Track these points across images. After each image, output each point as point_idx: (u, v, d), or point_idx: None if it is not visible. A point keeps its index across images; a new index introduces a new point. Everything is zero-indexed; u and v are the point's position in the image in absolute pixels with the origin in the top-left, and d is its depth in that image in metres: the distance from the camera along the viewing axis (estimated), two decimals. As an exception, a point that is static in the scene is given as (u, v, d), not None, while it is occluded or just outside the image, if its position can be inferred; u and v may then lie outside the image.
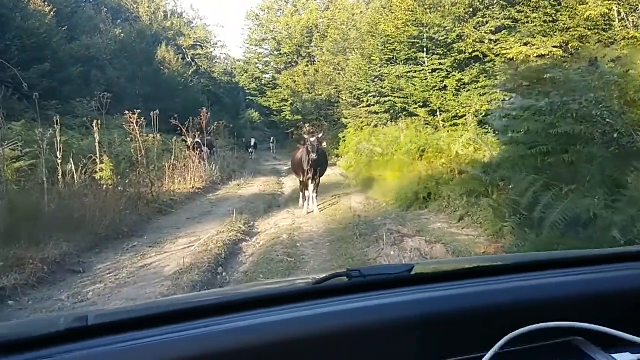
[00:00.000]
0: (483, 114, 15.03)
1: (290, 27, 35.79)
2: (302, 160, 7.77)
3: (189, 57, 37.16)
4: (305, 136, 7.68)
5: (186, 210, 8.48)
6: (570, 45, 12.77)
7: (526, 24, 14.58)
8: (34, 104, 15.05)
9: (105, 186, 7.41)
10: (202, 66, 38.12)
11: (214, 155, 14.08)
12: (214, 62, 40.95)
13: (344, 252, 5.16)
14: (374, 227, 6.11)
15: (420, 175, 7.91)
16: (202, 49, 39.02)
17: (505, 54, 13.53)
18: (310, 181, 7.92)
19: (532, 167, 4.76)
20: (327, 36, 28.91)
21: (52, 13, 19.16)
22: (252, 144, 27.89)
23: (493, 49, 14.93)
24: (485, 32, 15.08)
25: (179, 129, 11.90)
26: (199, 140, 12.33)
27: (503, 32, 15.18)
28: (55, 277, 4.32)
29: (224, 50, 69.13)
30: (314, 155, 7.45)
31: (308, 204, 8.45)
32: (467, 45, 15.51)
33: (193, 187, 10.37)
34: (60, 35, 19.32)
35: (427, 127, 16.63)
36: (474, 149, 11.59)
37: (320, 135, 7.71)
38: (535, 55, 13.41)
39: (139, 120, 8.62)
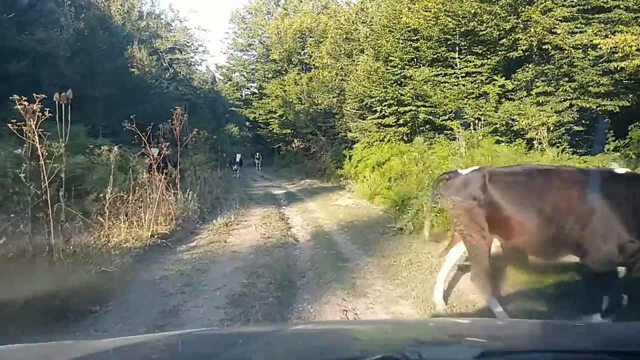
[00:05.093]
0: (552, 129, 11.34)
1: (280, 32, 32.04)
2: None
3: (166, 61, 33.03)
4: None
5: (125, 312, 3.96)
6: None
7: (611, 12, 11.05)
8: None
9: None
10: (180, 72, 33.99)
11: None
12: (193, 68, 36.85)
13: None
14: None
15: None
16: (181, 53, 34.92)
17: (600, 44, 9.76)
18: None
19: None
20: (323, 40, 25.17)
21: (-5, -2, 15.46)
22: (238, 159, 23.70)
23: (567, 40, 11.21)
24: (555, 20, 11.41)
25: (136, 137, 7.63)
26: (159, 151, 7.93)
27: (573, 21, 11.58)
28: None
29: (206, 56, 65.19)
30: None
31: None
32: (528, 37, 11.75)
33: (153, 234, 6.09)
34: (3, 25, 15.67)
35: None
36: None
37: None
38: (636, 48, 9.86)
39: (36, 111, 4.14)
